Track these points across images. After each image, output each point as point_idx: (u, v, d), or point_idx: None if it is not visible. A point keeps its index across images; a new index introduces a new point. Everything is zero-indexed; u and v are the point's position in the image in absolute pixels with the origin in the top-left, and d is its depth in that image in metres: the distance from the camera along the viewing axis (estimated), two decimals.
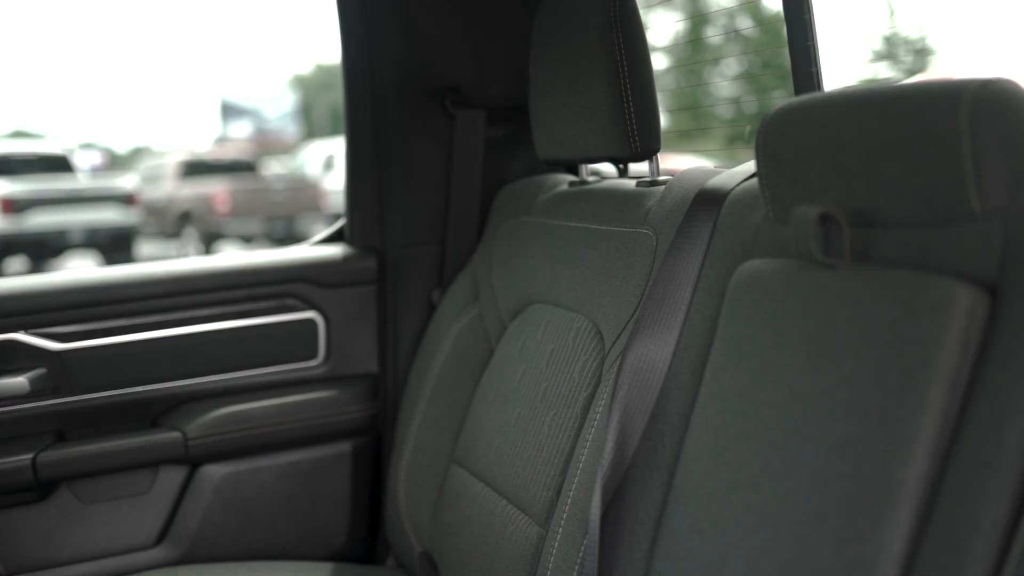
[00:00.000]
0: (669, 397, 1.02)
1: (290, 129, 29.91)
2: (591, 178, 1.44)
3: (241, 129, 29.29)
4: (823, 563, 0.76)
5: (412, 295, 1.67)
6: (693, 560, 0.90)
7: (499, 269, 1.48)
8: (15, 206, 10.44)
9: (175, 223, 12.99)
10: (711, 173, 1.16)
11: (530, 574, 1.17)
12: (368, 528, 1.67)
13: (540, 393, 1.26)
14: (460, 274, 1.60)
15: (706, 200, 1.09)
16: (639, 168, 1.35)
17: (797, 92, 1.26)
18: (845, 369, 0.79)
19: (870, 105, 0.82)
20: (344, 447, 1.65)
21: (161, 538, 1.55)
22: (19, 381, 1.41)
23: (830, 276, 0.84)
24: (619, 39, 1.21)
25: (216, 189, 12.45)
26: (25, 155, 11.89)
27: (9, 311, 1.45)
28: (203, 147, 20.92)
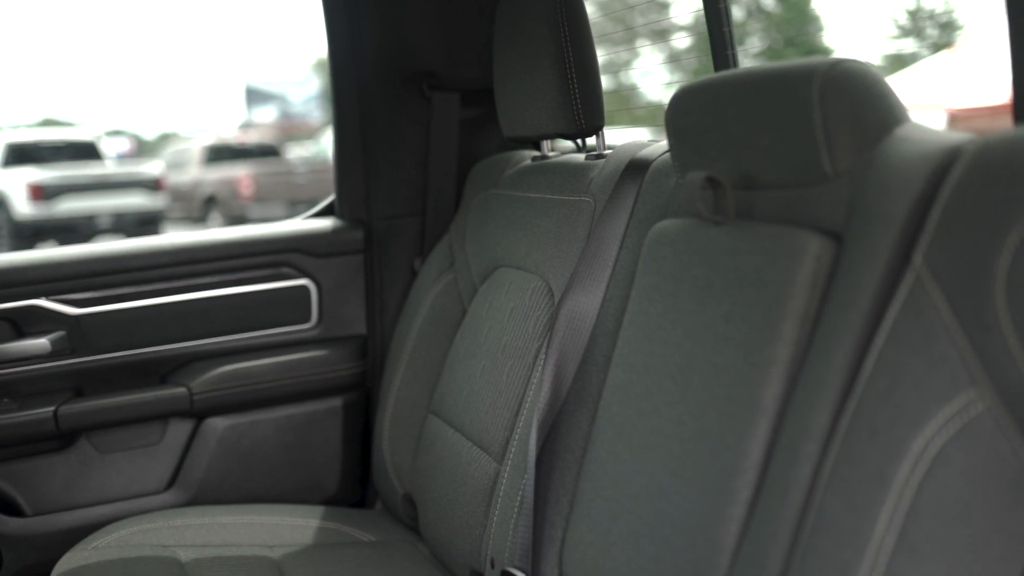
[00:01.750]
0: (597, 342, 1.17)
1: (315, 114, 30.07)
2: (551, 153, 1.58)
3: (266, 114, 29.52)
4: (703, 471, 0.90)
5: (396, 263, 1.82)
6: (609, 478, 1.04)
7: (471, 238, 1.62)
8: (45, 192, 10.73)
9: (201, 207, 13.25)
10: (643, 146, 1.30)
11: (488, 505, 1.32)
12: (359, 475, 1.84)
13: (501, 347, 1.41)
14: (438, 243, 1.74)
15: (634, 170, 1.23)
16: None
17: (716, 71, 1.40)
18: (724, 310, 0.93)
19: (749, 84, 0.96)
20: (335, 402, 1.81)
21: (171, 484, 1.72)
22: (41, 342, 1.58)
23: (717, 232, 0.98)
24: (565, 28, 1.35)
25: (240, 173, 12.68)
26: (54, 143, 12.19)
27: (32, 279, 1.62)
28: (229, 132, 21.26)
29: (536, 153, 1.61)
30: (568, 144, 1.68)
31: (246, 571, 1.39)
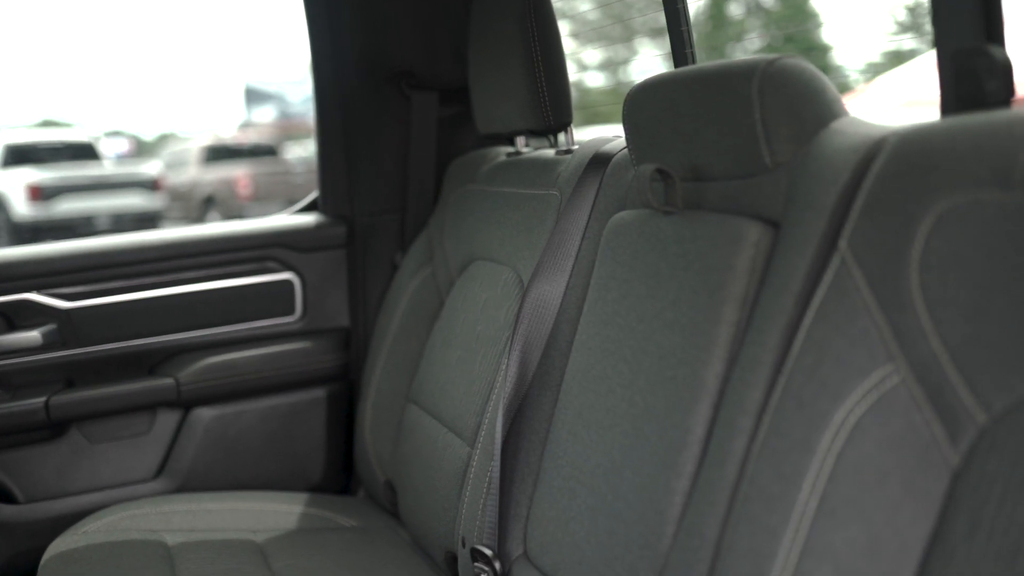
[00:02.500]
0: (560, 328, 1.22)
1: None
2: (524, 149, 1.63)
3: (265, 114, 29.50)
4: (652, 448, 0.95)
5: (377, 257, 1.88)
6: (568, 458, 1.10)
7: (449, 232, 1.67)
8: (43, 193, 10.80)
9: (199, 207, 13.29)
10: (607, 140, 1.35)
11: (460, 487, 1.37)
12: (342, 463, 1.89)
13: (475, 336, 1.46)
14: (418, 238, 1.79)
15: (597, 163, 1.28)
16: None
17: (676, 68, 1.45)
18: (672, 295, 0.98)
19: (697, 81, 1.01)
20: (319, 392, 1.86)
21: (159, 472, 1.77)
22: (33, 335, 1.64)
23: (668, 222, 1.03)
24: (533, 29, 1.40)
25: (238, 173, 12.71)
26: (53, 143, 12.24)
27: (23, 274, 1.67)
28: (229, 132, 21.36)
29: (511, 149, 1.66)
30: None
31: (230, 555, 1.44)
